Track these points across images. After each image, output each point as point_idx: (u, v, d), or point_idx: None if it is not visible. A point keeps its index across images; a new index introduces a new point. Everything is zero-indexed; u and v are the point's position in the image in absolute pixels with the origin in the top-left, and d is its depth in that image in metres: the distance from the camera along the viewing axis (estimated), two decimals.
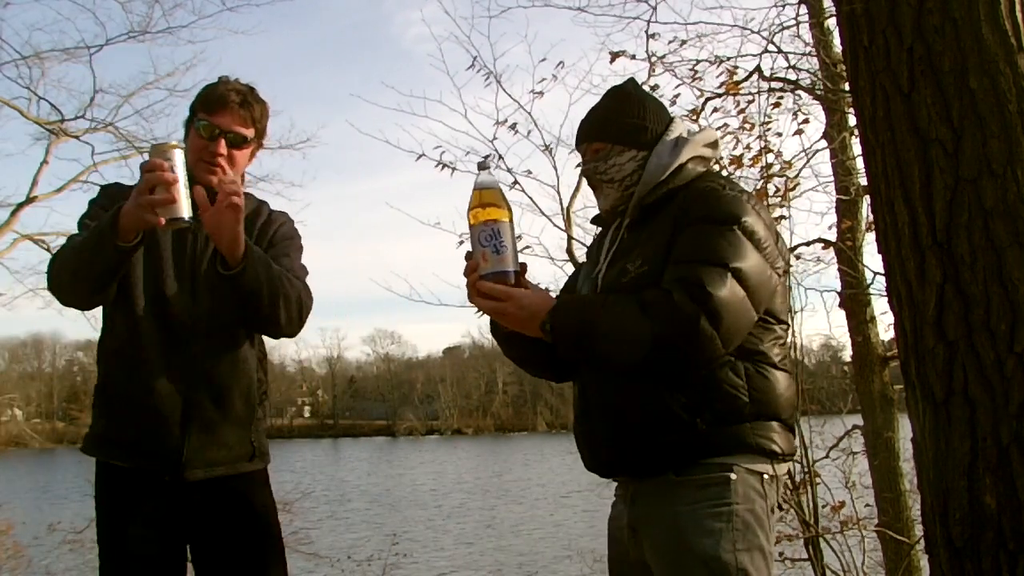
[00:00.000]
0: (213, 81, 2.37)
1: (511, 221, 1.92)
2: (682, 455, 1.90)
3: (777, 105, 5.77)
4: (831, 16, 5.71)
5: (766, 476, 1.93)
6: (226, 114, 2.29)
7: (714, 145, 2.16)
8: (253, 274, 2.10)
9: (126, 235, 2.03)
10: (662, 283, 1.86)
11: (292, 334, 2.31)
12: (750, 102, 5.71)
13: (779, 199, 5.32)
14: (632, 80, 2.26)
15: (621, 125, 2.10)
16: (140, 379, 2.20)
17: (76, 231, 2.24)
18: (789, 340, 2.10)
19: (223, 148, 2.28)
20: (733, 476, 1.88)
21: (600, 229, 2.31)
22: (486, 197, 1.91)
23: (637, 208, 2.06)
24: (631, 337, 1.82)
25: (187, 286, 2.24)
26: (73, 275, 2.13)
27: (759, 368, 1.93)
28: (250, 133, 2.33)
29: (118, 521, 2.20)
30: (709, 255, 1.85)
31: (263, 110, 2.37)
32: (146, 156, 2.07)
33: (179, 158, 2.00)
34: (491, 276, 1.89)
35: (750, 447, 1.90)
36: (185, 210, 1.99)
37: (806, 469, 4.80)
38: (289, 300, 2.20)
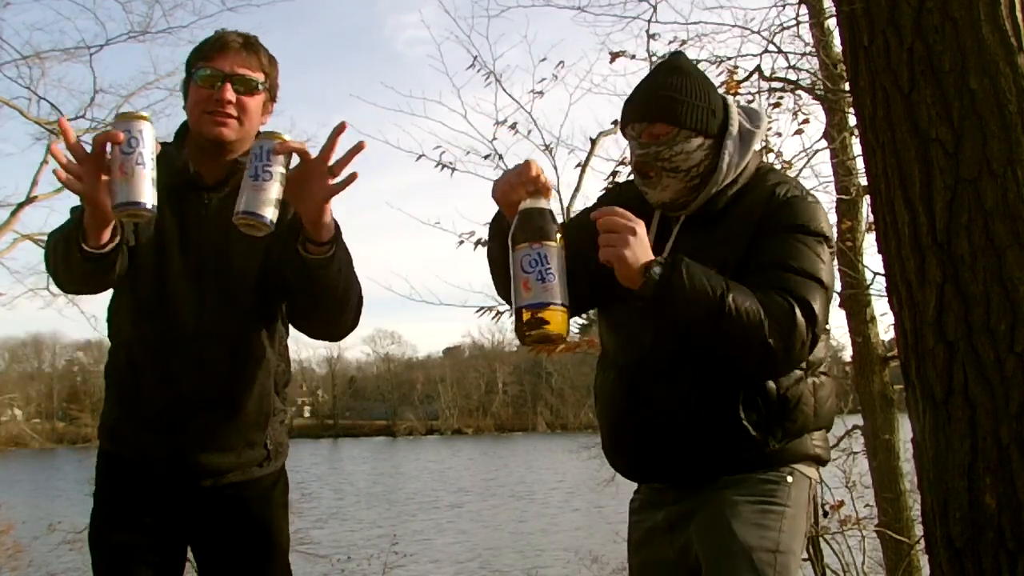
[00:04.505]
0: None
1: (562, 247, 1.71)
2: (744, 468, 1.87)
3: (777, 105, 5.77)
4: (831, 16, 5.70)
5: (813, 481, 1.94)
6: (228, 56, 1.97)
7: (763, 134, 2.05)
8: (337, 265, 1.81)
9: (96, 236, 1.73)
10: (756, 286, 1.76)
11: (341, 339, 2.08)
12: (750, 102, 5.70)
13: None
14: (683, 55, 2.04)
15: (692, 108, 1.88)
16: (140, 382, 2.04)
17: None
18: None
19: (230, 93, 1.95)
20: (790, 479, 1.87)
21: (613, 185, 2.19)
22: (533, 221, 1.72)
23: (703, 205, 1.92)
24: (750, 330, 1.70)
25: (193, 283, 2.00)
26: (62, 274, 1.90)
27: (821, 379, 1.91)
28: (259, 77, 2.01)
29: (112, 511, 2.08)
30: (810, 270, 1.79)
31: (272, 60, 2.06)
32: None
33: (146, 132, 1.63)
34: (531, 307, 1.66)
35: (806, 456, 1.91)
36: (143, 195, 1.61)
37: None
38: (359, 305, 1.94)
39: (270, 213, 1.65)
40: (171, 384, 2.02)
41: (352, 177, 1.74)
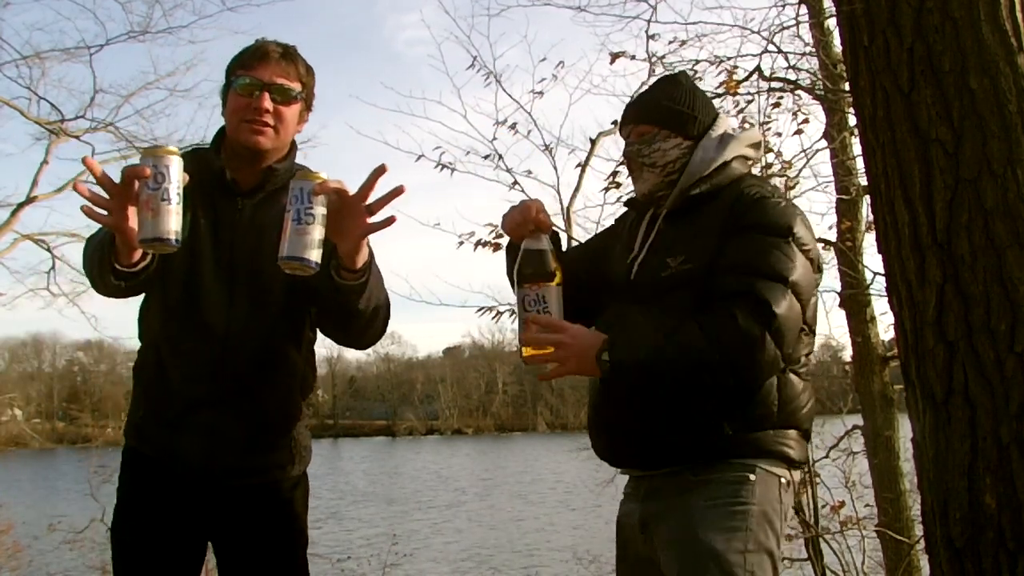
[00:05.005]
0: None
1: (560, 284, 1.95)
2: (703, 456, 1.91)
3: (777, 105, 5.76)
4: (831, 16, 5.70)
5: (783, 480, 1.95)
6: (268, 66, 2.01)
7: (756, 146, 2.17)
8: (369, 291, 1.88)
9: (127, 255, 1.78)
10: (718, 293, 1.86)
11: (368, 347, 2.15)
12: (750, 102, 5.70)
13: None
14: (684, 72, 2.31)
15: (669, 111, 2.09)
16: (166, 382, 2.06)
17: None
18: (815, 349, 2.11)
19: (268, 102, 1.99)
20: (753, 477, 1.89)
21: (626, 209, 2.30)
22: (533, 262, 1.94)
23: (677, 199, 2.05)
24: (699, 366, 1.82)
25: (225, 287, 2.03)
26: (98, 284, 1.95)
27: (791, 378, 1.95)
28: (297, 87, 2.05)
29: (134, 507, 2.11)
30: (768, 269, 1.85)
31: (309, 70, 2.10)
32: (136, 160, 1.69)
33: (174, 167, 1.64)
34: (535, 340, 1.91)
35: (771, 452, 1.92)
36: (168, 232, 1.63)
37: (806, 469, 4.80)
38: (386, 318, 2.01)
39: (315, 255, 1.67)
40: (197, 385, 2.04)
41: (390, 220, 1.75)
